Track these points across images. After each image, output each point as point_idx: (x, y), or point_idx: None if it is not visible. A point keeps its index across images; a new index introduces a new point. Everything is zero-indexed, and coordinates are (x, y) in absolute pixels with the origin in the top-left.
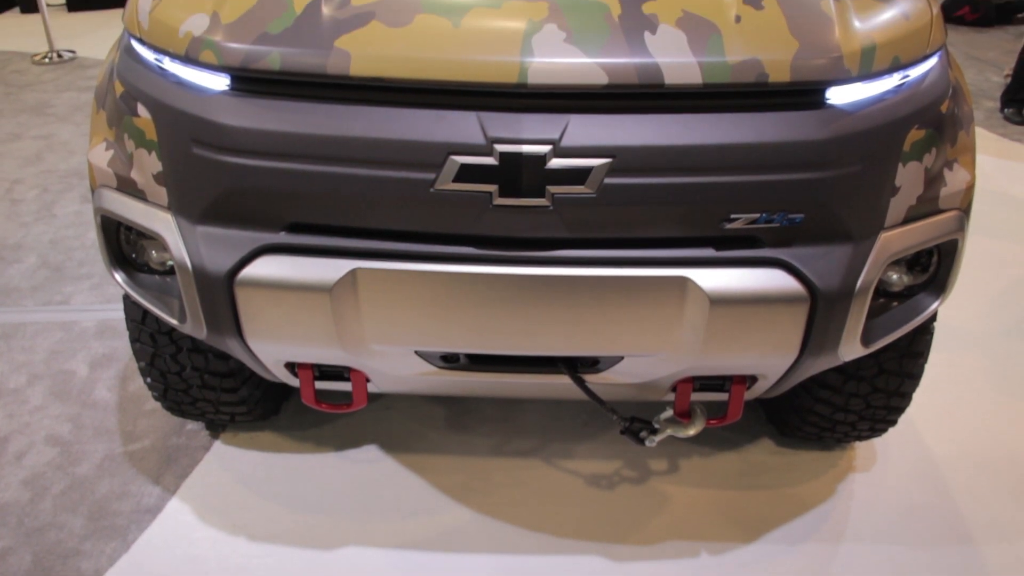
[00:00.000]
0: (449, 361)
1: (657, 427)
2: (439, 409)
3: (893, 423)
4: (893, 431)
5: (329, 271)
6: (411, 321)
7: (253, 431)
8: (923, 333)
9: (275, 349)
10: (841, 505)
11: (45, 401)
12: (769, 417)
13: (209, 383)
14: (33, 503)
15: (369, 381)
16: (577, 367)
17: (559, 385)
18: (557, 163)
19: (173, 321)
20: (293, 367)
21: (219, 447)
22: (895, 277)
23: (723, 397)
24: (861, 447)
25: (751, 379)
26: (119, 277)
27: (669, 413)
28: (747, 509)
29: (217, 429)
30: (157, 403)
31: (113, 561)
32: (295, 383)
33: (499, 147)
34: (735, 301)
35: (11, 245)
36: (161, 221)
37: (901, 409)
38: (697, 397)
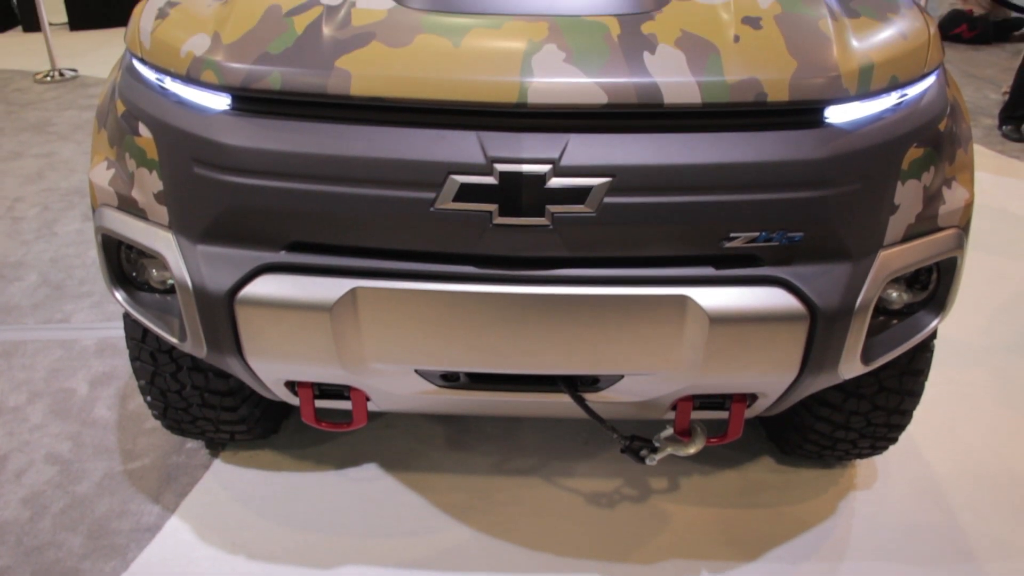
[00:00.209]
0: (449, 380)
1: (657, 445)
2: (439, 427)
3: (894, 440)
4: (894, 448)
5: (329, 290)
6: (411, 340)
7: (253, 450)
8: (923, 351)
9: (275, 368)
10: (842, 523)
11: (45, 419)
12: (769, 435)
13: (209, 402)
14: (32, 521)
15: (369, 400)
16: (577, 386)
17: (559, 404)
18: (557, 182)
19: (173, 340)
20: (293, 386)
21: (219, 466)
22: (895, 295)
23: (723, 415)
24: (862, 465)
25: (751, 397)
26: (120, 296)
27: (669, 431)
28: (748, 527)
29: (217, 448)
30: (157, 421)
31: None
32: (295, 402)
33: (499, 166)
34: (735, 319)
35: (12, 263)
36: (162, 240)
37: (902, 427)
38: (697, 415)
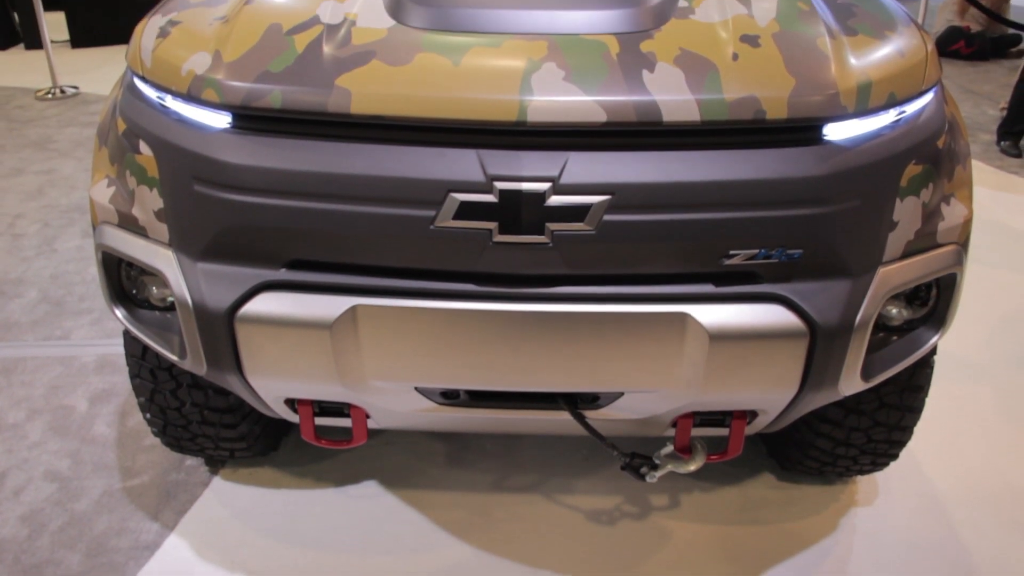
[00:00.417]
0: (449, 397)
1: (658, 463)
2: (439, 444)
3: (895, 457)
4: (895, 465)
5: (329, 308)
6: (411, 357)
7: (252, 467)
8: (923, 367)
9: (275, 385)
10: (843, 540)
11: (44, 436)
12: (770, 451)
13: (208, 419)
14: (31, 539)
15: (369, 417)
16: (577, 403)
17: (559, 421)
18: (556, 200)
19: (173, 357)
20: (293, 403)
21: (218, 483)
22: (894, 311)
23: (723, 432)
24: (863, 481)
25: (751, 414)
26: (120, 313)
27: (669, 448)
28: (748, 545)
29: (216, 465)
30: (156, 439)
31: None
32: (295, 419)
33: (499, 184)
34: (735, 337)
35: (12, 280)
36: (162, 257)
37: (902, 443)
38: (697, 432)
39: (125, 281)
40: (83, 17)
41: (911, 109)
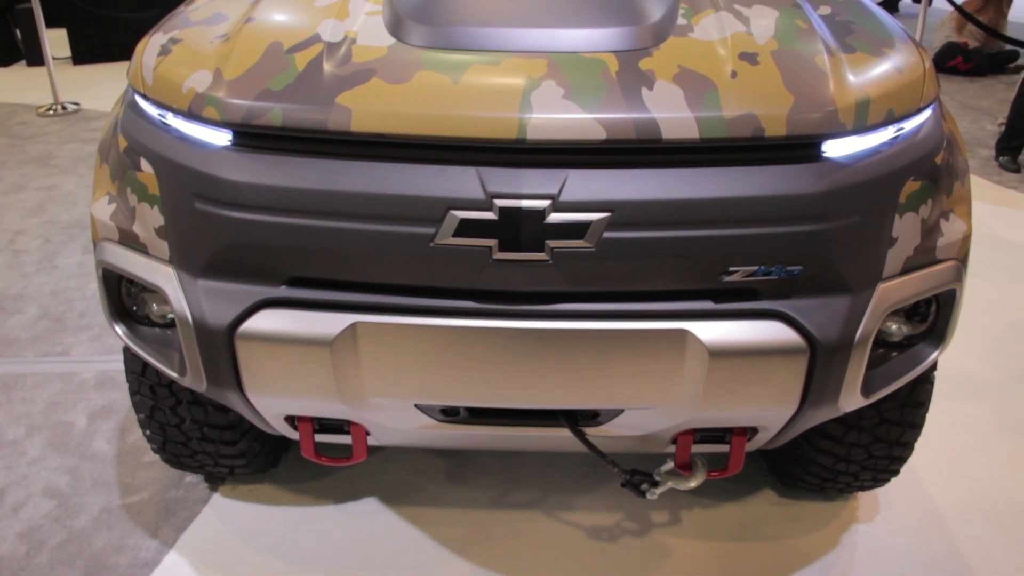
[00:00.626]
0: (449, 414)
1: (658, 479)
2: (439, 461)
3: (896, 473)
4: (896, 481)
5: (329, 325)
6: (411, 375)
7: (252, 484)
8: (924, 382)
9: (275, 402)
10: (844, 556)
11: (43, 453)
12: (771, 468)
13: (208, 436)
14: (29, 557)
15: (369, 434)
16: (577, 420)
17: (559, 438)
18: (556, 218)
19: (173, 374)
20: (293, 420)
21: (218, 500)
22: (894, 327)
23: (724, 449)
24: (864, 497)
25: (752, 431)
26: (120, 330)
27: (670, 465)
28: (749, 561)
29: (216, 482)
30: (156, 455)
31: None
32: (295, 436)
33: (498, 202)
34: (734, 353)
35: (12, 295)
36: (162, 274)
37: (903, 459)
38: (698, 449)
39: (125, 298)
40: (85, 34)
41: (909, 126)
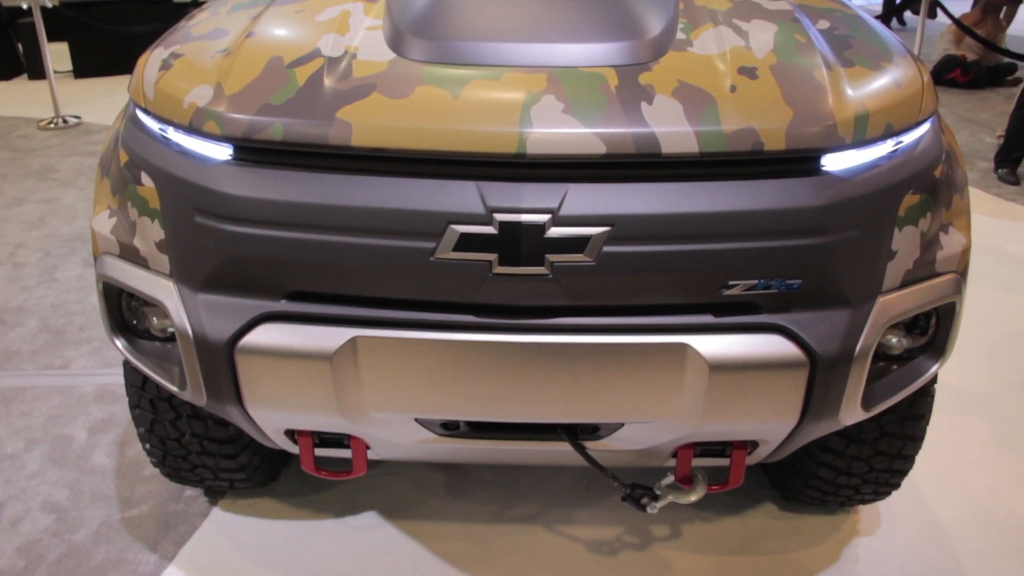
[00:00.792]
0: (449, 428)
1: (658, 493)
2: (439, 475)
3: (897, 486)
4: (897, 494)
5: (330, 339)
6: (411, 389)
7: (252, 497)
8: (924, 395)
9: (275, 417)
10: (846, 570)
11: (43, 466)
12: (771, 481)
13: (208, 449)
14: (28, 571)
15: (369, 448)
16: (577, 434)
17: (560, 452)
18: (556, 232)
19: (173, 388)
20: (293, 434)
21: (217, 514)
22: (894, 340)
23: (724, 462)
24: (865, 511)
25: (752, 444)
26: (120, 343)
27: (670, 479)
28: (750, 575)
29: (216, 495)
30: (155, 469)
31: None
32: (295, 450)
33: (498, 216)
34: (735, 367)
35: (13, 309)
36: (163, 288)
37: (904, 472)
38: (698, 463)
39: (126, 311)
40: (86, 48)
41: (908, 139)
